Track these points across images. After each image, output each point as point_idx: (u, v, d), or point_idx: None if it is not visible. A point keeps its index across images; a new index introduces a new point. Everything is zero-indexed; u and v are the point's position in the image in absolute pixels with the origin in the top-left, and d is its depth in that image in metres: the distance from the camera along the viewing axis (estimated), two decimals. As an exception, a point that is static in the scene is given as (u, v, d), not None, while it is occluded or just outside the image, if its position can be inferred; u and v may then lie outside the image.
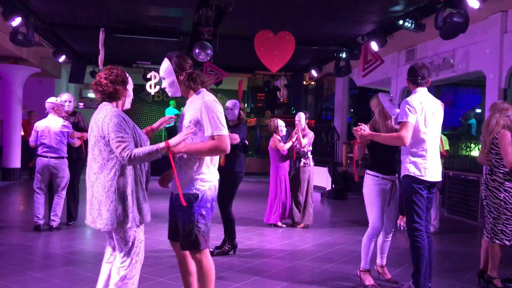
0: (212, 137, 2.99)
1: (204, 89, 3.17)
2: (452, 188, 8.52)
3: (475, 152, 11.66)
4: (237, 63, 13.89)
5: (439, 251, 5.85)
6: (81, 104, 18.72)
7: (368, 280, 4.36)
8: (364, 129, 4.09)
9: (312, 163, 7.31)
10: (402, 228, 7.28)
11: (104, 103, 3.02)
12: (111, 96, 3.01)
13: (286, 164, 7.26)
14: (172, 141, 2.91)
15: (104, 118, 2.89)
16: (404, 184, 4.06)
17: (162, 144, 2.88)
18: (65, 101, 6.74)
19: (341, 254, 5.71)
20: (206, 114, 2.99)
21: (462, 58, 8.87)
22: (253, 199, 10.03)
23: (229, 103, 5.64)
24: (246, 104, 20.45)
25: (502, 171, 4.42)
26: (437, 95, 4.33)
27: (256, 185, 13.10)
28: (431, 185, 4.03)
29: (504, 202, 4.38)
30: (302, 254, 5.70)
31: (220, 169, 3.46)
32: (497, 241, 4.41)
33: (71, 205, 6.90)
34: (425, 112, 3.98)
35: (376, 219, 4.28)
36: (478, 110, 13.86)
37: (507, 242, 4.39)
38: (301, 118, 7.31)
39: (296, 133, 7.13)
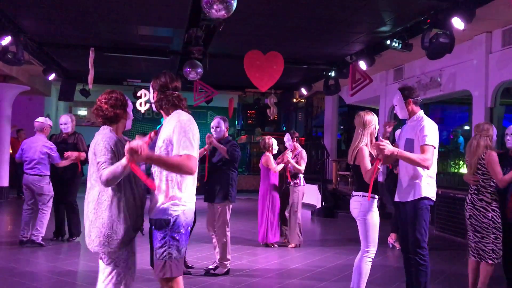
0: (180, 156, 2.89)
1: (180, 110, 3.11)
2: (441, 206, 8.58)
3: (464, 170, 11.77)
4: (227, 81, 13.97)
5: (435, 271, 5.86)
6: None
7: None
8: (386, 146, 3.89)
9: (303, 183, 7.32)
10: (391, 245, 7.31)
11: (104, 126, 3.11)
12: (112, 120, 3.10)
13: (277, 181, 7.25)
14: (131, 144, 2.72)
15: (97, 141, 2.99)
16: (418, 206, 4.08)
17: (123, 160, 2.79)
18: (61, 124, 6.98)
19: (331, 273, 5.71)
20: (177, 133, 2.91)
21: (449, 77, 9.02)
22: (243, 218, 10.01)
23: (213, 122, 5.69)
24: (236, 122, 20.52)
25: (489, 191, 4.50)
26: (426, 113, 4.43)
27: (247, 202, 13.08)
28: None
29: (493, 221, 4.46)
30: (293, 273, 5.69)
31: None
32: (490, 261, 4.47)
33: (70, 222, 7.11)
34: (437, 135, 4.11)
35: (376, 241, 4.26)
36: (466, 127, 14.03)
37: (496, 261, 4.46)
38: (289, 139, 7.36)
39: (287, 158, 7.11)
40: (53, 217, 7.02)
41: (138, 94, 12.56)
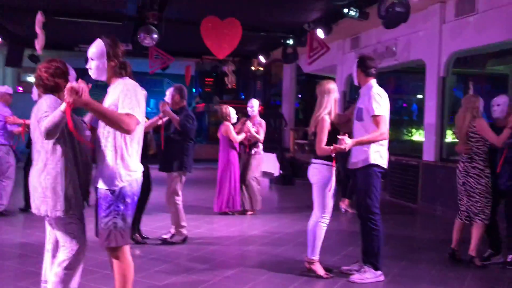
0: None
1: (127, 78, 3.03)
2: (394, 172, 8.86)
3: (417, 137, 12.15)
4: (184, 48, 13.68)
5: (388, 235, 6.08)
6: (20, 88, 17.80)
7: (321, 270, 4.40)
8: (347, 143, 4.02)
9: (262, 152, 7.36)
10: (343, 210, 7.53)
11: (48, 95, 3.00)
12: (52, 89, 2.99)
13: (236, 151, 7.24)
14: (72, 84, 2.61)
15: (40, 105, 2.93)
16: (367, 172, 4.24)
17: (62, 105, 2.67)
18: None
19: (288, 239, 5.83)
20: (122, 95, 2.86)
21: (404, 46, 9.17)
22: (202, 187, 10.00)
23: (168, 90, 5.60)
24: (194, 89, 20.23)
25: (482, 158, 4.78)
26: (381, 82, 4.53)
27: (205, 172, 13.06)
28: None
29: (485, 186, 4.75)
30: (251, 240, 5.77)
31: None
32: (479, 221, 4.76)
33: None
34: (387, 103, 4.23)
35: (331, 207, 4.38)
36: (420, 96, 14.40)
37: (486, 222, 4.76)
38: (254, 105, 7.33)
39: (247, 127, 7.09)
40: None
41: (91, 60, 12.11)
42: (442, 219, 7.37)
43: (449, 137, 8.79)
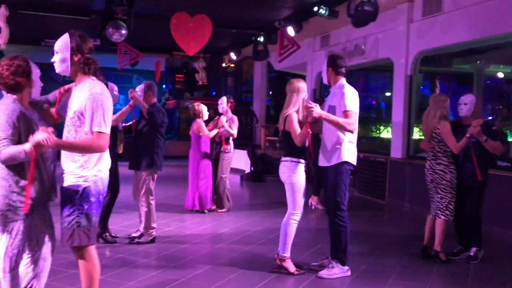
0: (92, 133, 2.81)
1: (95, 79, 2.97)
2: (362, 169, 8.99)
3: (385, 134, 12.35)
4: (153, 44, 13.51)
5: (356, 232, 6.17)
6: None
7: (292, 267, 4.43)
8: (315, 109, 4.05)
9: (232, 149, 7.34)
10: (313, 207, 7.59)
11: (8, 95, 2.87)
12: (13, 88, 2.86)
13: (208, 149, 7.19)
14: (37, 138, 2.54)
15: None
16: (338, 169, 4.31)
17: (27, 147, 2.58)
18: None
19: (259, 236, 5.84)
20: (89, 108, 2.81)
21: (373, 45, 9.29)
22: (172, 184, 9.93)
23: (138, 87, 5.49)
24: (164, 86, 20.01)
25: (445, 155, 4.90)
26: (349, 80, 4.61)
27: (175, 169, 12.96)
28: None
29: (450, 182, 4.87)
30: (222, 238, 5.76)
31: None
32: (443, 217, 4.86)
33: None
34: (358, 102, 4.33)
35: (302, 204, 4.42)
36: (388, 94, 14.65)
37: (450, 218, 4.89)
38: (223, 101, 7.32)
39: (221, 121, 7.06)
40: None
41: (58, 55, 11.83)
42: (409, 215, 7.53)
43: (417, 135, 8.98)
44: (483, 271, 4.67)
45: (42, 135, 2.53)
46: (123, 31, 8.94)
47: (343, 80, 4.46)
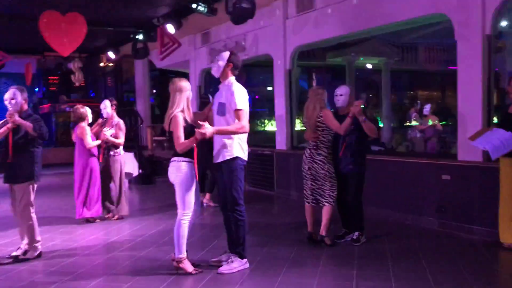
0: None
1: None
2: (250, 162, 9.19)
3: (269, 127, 12.77)
4: (21, 44, 12.48)
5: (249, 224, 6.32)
6: None
7: (190, 267, 4.40)
8: (206, 129, 4.11)
9: (122, 152, 7.02)
10: (205, 205, 7.63)
11: None
12: None
13: (95, 152, 6.76)
14: None
15: None
16: (232, 165, 4.38)
17: None
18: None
19: (153, 240, 5.71)
20: None
21: (252, 41, 9.54)
22: (52, 194, 9.26)
23: (7, 94, 4.96)
24: (37, 89, 18.57)
25: (326, 145, 5.21)
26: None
27: (56, 178, 12.13)
28: None
29: (328, 172, 5.17)
30: (113, 246, 5.53)
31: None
32: (327, 204, 5.18)
33: None
34: (247, 98, 4.43)
35: (192, 204, 4.39)
36: (269, 88, 15.18)
37: (332, 204, 5.20)
38: (107, 106, 6.91)
39: (103, 135, 6.70)
40: None
41: None
42: (296, 203, 7.89)
43: (298, 126, 9.43)
44: (366, 251, 5.06)
45: None
46: (-16, 32, 8.14)
47: (232, 78, 4.53)
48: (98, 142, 6.71)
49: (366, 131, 5.13)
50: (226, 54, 4.52)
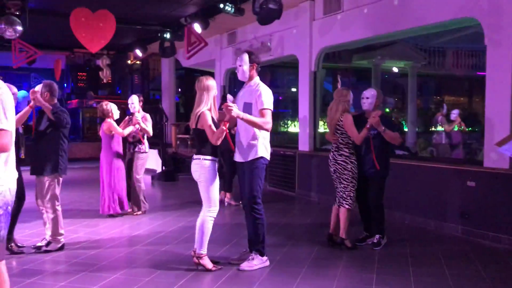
0: None
1: None
2: (272, 163, 9.21)
3: (291, 128, 12.76)
4: (52, 41, 12.78)
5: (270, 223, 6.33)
6: None
7: (210, 263, 4.44)
8: (233, 110, 4.14)
9: (147, 149, 7.11)
10: (226, 204, 7.67)
11: None
12: None
13: (121, 149, 6.88)
14: None
15: None
16: (255, 165, 4.42)
17: None
18: None
19: (173, 236, 5.77)
20: None
21: (278, 42, 9.55)
22: (78, 188, 9.46)
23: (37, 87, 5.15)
24: (65, 84, 18.97)
25: (347, 146, 5.16)
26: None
27: (81, 172, 12.37)
28: None
29: (351, 172, 5.12)
30: (135, 240, 5.61)
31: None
32: (346, 206, 5.11)
33: None
34: (272, 99, 4.46)
35: (218, 201, 4.45)
36: (294, 89, 15.15)
37: (351, 206, 5.15)
38: (134, 101, 7.02)
39: (135, 119, 6.79)
40: None
41: None
42: (317, 205, 7.87)
43: (322, 128, 9.39)
44: (387, 255, 5.01)
45: None
46: (18, 28, 8.36)
47: (257, 78, 4.56)
48: (131, 128, 6.79)
49: (388, 140, 5.10)
50: (246, 57, 4.50)
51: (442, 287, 4.07)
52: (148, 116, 7.11)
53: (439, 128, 10.57)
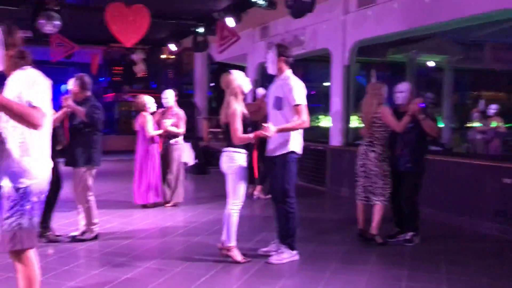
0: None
1: (29, 67, 2.82)
2: (303, 158, 9.16)
3: (324, 123, 12.64)
4: (89, 35, 13.06)
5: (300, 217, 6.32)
6: None
7: (239, 255, 4.47)
8: (269, 130, 4.19)
9: (182, 141, 7.22)
10: (256, 198, 7.69)
11: None
12: None
13: (155, 142, 6.99)
14: None
15: None
16: (287, 159, 4.43)
17: None
18: None
19: (204, 228, 5.84)
20: (26, 87, 2.65)
21: (311, 36, 9.48)
22: (112, 180, 9.67)
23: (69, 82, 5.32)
24: (102, 78, 19.39)
25: (381, 143, 5.10)
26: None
27: (115, 164, 12.64)
28: None
29: (382, 169, 5.06)
30: (167, 231, 5.72)
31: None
32: (379, 202, 5.08)
33: None
34: (305, 92, 4.45)
35: (243, 194, 4.47)
36: (326, 84, 15.00)
37: (385, 203, 5.11)
38: (169, 96, 7.11)
39: (163, 125, 6.89)
40: None
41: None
42: (348, 200, 7.79)
43: (354, 123, 9.27)
44: (419, 252, 4.93)
45: None
46: (56, 22, 8.59)
47: (288, 72, 4.52)
48: (160, 131, 6.91)
49: (426, 129, 4.99)
50: (274, 51, 4.49)
51: (476, 286, 3.97)
52: (181, 113, 7.17)
53: (475, 124, 10.28)
